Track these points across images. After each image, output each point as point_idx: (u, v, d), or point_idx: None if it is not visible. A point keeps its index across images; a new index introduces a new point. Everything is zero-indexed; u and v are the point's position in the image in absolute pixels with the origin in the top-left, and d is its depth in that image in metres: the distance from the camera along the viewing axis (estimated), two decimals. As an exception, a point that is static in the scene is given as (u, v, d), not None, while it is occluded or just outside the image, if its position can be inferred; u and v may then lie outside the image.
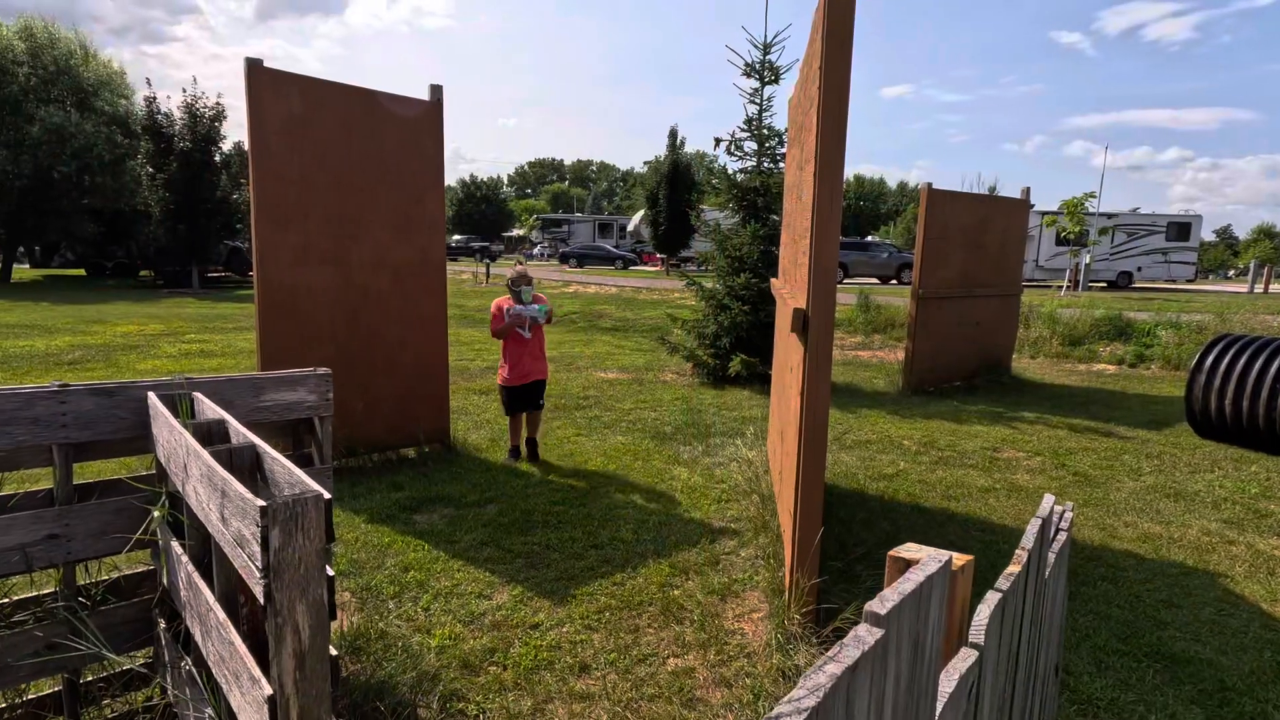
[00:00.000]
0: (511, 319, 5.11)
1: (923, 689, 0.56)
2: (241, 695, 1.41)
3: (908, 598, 0.50)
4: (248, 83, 4.38)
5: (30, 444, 1.92)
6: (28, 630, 1.92)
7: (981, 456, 5.71)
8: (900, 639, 0.49)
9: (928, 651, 0.56)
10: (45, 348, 9.50)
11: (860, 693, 0.42)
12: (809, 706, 0.36)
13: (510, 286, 5.27)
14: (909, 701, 0.53)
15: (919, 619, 0.53)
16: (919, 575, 0.54)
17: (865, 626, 0.46)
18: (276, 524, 1.23)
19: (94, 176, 20.80)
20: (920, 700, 0.56)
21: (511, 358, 5.20)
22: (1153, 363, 10.17)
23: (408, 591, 3.30)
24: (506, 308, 5.14)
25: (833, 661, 0.42)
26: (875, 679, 0.45)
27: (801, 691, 0.38)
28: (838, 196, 2.67)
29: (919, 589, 0.53)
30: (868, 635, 0.44)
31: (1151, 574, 3.69)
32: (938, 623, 0.58)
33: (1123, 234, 23.90)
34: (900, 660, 0.50)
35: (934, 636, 0.57)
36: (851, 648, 0.43)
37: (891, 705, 0.49)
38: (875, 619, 0.47)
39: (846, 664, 0.41)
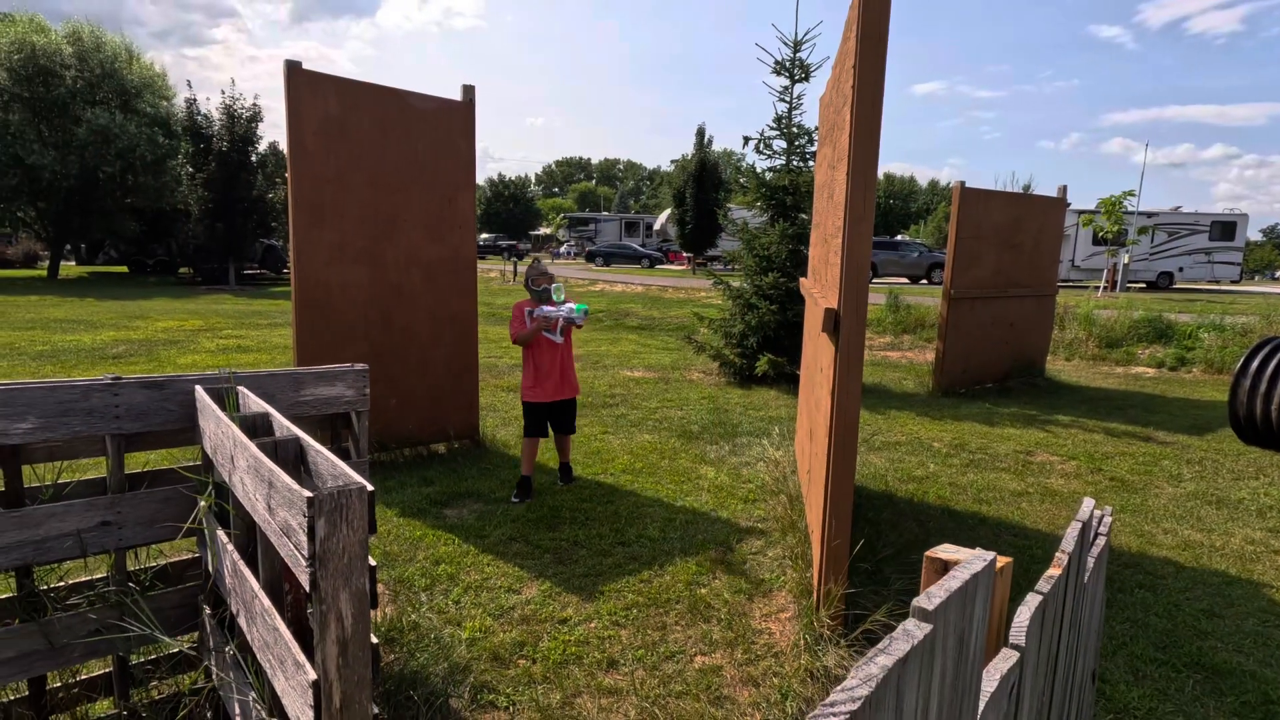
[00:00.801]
0: (539, 321, 4.36)
1: (966, 686, 0.56)
2: (286, 680, 1.46)
3: (954, 595, 0.51)
4: (287, 84, 4.49)
5: (85, 434, 2.00)
6: (82, 613, 2.00)
7: (1014, 460, 5.61)
8: (946, 635, 0.50)
9: (972, 649, 0.56)
10: (91, 342, 9.83)
11: (909, 685, 0.43)
12: (863, 695, 0.37)
13: (530, 287, 4.56)
14: (954, 698, 0.53)
15: (964, 616, 0.54)
16: (965, 573, 0.55)
17: (913, 621, 0.47)
18: (322, 515, 1.27)
19: (136, 176, 21.44)
20: (964, 698, 0.56)
21: (539, 368, 4.45)
22: (1194, 366, 9.88)
23: (439, 584, 3.35)
24: (529, 310, 4.44)
25: (883, 653, 0.43)
26: (923, 673, 0.45)
27: (854, 680, 0.39)
28: (870, 195, 2.65)
29: (965, 586, 0.53)
30: (916, 630, 0.45)
31: (1192, 583, 3.60)
32: (982, 621, 0.59)
33: (1163, 233, 23.24)
34: (946, 657, 0.50)
35: (978, 634, 0.58)
36: (901, 641, 0.44)
37: (937, 700, 0.49)
38: (923, 614, 0.47)
39: (897, 656, 0.42)
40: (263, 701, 1.66)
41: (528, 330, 4.37)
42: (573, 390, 4.60)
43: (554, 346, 4.47)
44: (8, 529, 1.88)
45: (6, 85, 19.70)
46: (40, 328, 11.09)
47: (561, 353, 4.51)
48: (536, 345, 4.43)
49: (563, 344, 4.50)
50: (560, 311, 4.38)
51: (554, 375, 4.48)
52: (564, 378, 4.53)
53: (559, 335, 4.47)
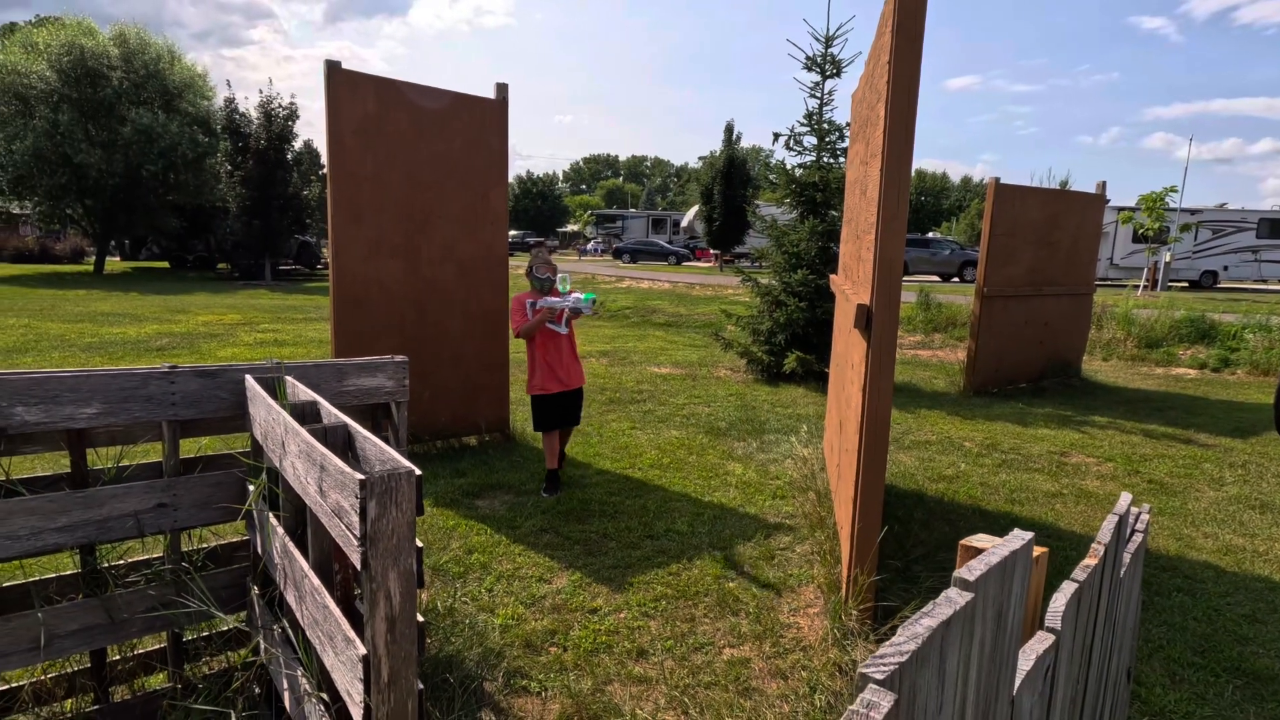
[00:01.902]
0: (542, 313, 4.26)
1: (1004, 659, 0.59)
2: (335, 655, 1.52)
3: (994, 568, 0.53)
4: (327, 84, 4.60)
5: (144, 419, 2.10)
6: (141, 590, 2.11)
7: (1048, 460, 5.53)
8: (986, 606, 0.52)
9: (1009, 623, 0.59)
10: (136, 335, 10.17)
11: (951, 648, 0.45)
12: (910, 650, 0.40)
13: (533, 275, 4.44)
14: (991, 669, 0.56)
15: (1003, 590, 0.56)
16: (1004, 549, 0.57)
17: (955, 590, 0.49)
18: (374, 496, 1.33)
19: (178, 174, 22.06)
20: (1001, 670, 0.58)
21: (545, 361, 4.38)
22: (1238, 367, 9.59)
23: (472, 572, 3.43)
24: (530, 302, 4.35)
25: (927, 616, 0.46)
26: (964, 639, 0.48)
27: (901, 637, 0.42)
28: (904, 192, 2.65)
29: (1004, 562, 0.56)
30: (958, 597, 0.48)
31: (1233, 587, 3.52)
32: (1019, 597, 0.61)
33: (1207, 231, 22.54)
34: (985, 627, 0.53)
35: (1016, 609, 0.60)
36: (944, 606, 0.47)
37: (976, 669, 0.52)
38: (964, 584, 0.50)
39: (941, 619, 0.44)
40: (311, 676, 1.73)
41: (531, 323, 4.29)
42: (579, 379, 4.56)
43: (557, 337, 4.40)
44: (74, 508, 1.99)
45: (57, 86, 20.41)
46: (88, 321, 11.50)
47: (566, 342, 4.44)
48: (541, 337, 4.37)
49: (567, 333, 4.43)
50: (567, 301, 4.25)
51: (560, 366, 4.42)
52: (570, 368, 4.47)
53: (564, 326, 4.40)
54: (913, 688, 0.40)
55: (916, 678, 0.40)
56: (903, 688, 0.38)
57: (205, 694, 2.06)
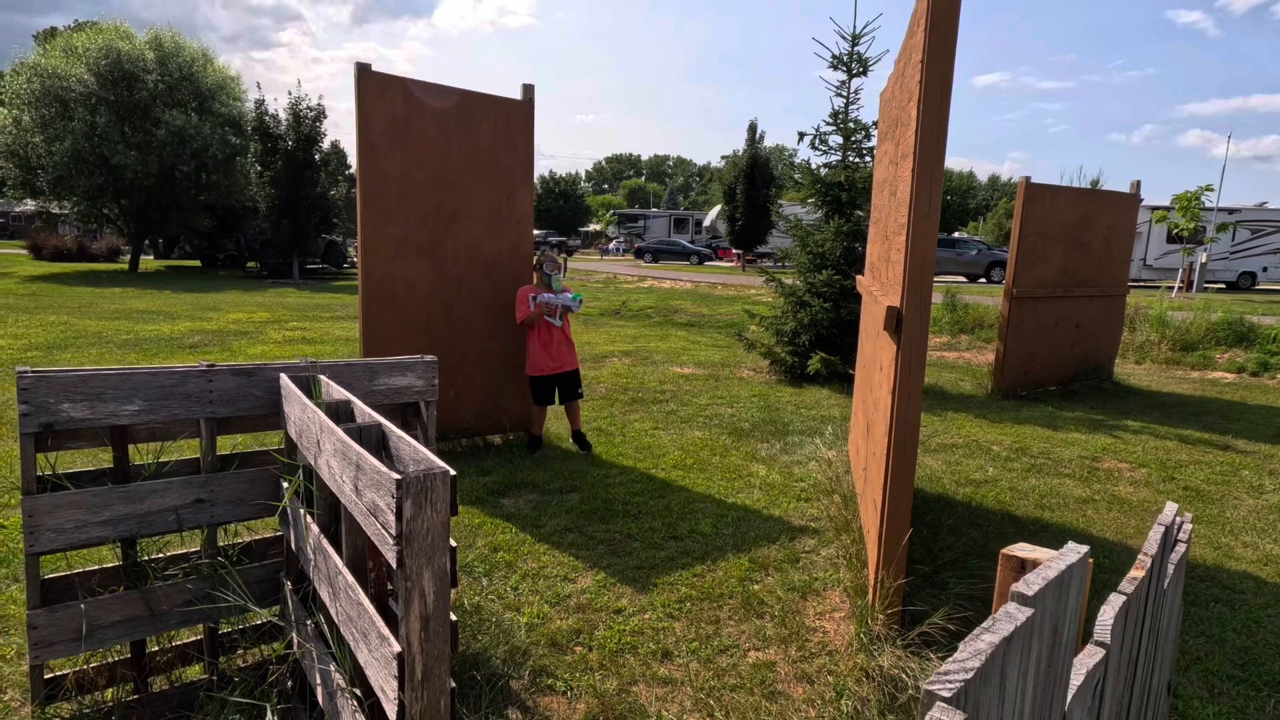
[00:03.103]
0: (541, 307, 5.00)
1: (1058, 675, 0.58)
2: (369, 652, 1.54)
3: (1051, 583, 0.52)
4: (357, 86, 4.66)
5: (183, 417, 2.15)
6: (179, 583, 2.16)
7: (1079, 465, 5.42)
8: (1043, 621, 0.51)
9: (1064, 638, 0.58)
10: (169, 332, 10.40)
11: (1012, 665, 0.45)
12: (974, 668, 0.39)
13: (541, 270, 5.14)
14: (1046, 685, 0.54)
15: (1060, 605, 0.55)
16: (1061, 563, 0.56)
17: (1014, 605, 0.49)
18: (409, 496, 1.34)
19: (210, 175, 22.51)
20: (1055, 687, 0.57)
21: (540, 346, 5.11)
22: (1279, 372, 9.32)
23: (497, 571, 3.46)
24: (533, 295, 5.04)
25: (988, 632, 0.45)
26: (1024, 656, 0.47)
27: (964, 654, 0.41)
28: (936, 193, 2.61)
29: (1061, 576, 0.55)
30: (1018, 613, 0.47)
31: (1274, 599, 3.43)
32: (1074, 612, 0.60)
33: (1246, 231, 21.92)
34: (1042, 643, 0.52)
35: (1071, 625, 0.59)
36: (1004, 621, 0.46)
37: (1033, 685, 0.51)
38: (1023, 599, 0.49)
39: (1002, 635, 0.44)
40: (344, 672, 1.76)
41: (531, 314, 5.01)
42: (573, 363, 5.26)
43: (552, 328, 5.13)
44: (116, 502, 2.04)
45: (94, 89, 20.93)
46: (124, 318, 11.79)
47: (559, 333, 5.16)
48: (539, 326, 5.10)
49: (561, 325, 5.16)
50: (559, 300, 5.03)
51: (552, 351, 5.12)
52: (563, 354, 5.18)
53: (559, 319, 5.12)
54: (976, 705, 0.39)
55: (980, 695, 0.40)
56: (968, 705, 0.38)
57: (241, 686, 2.10)
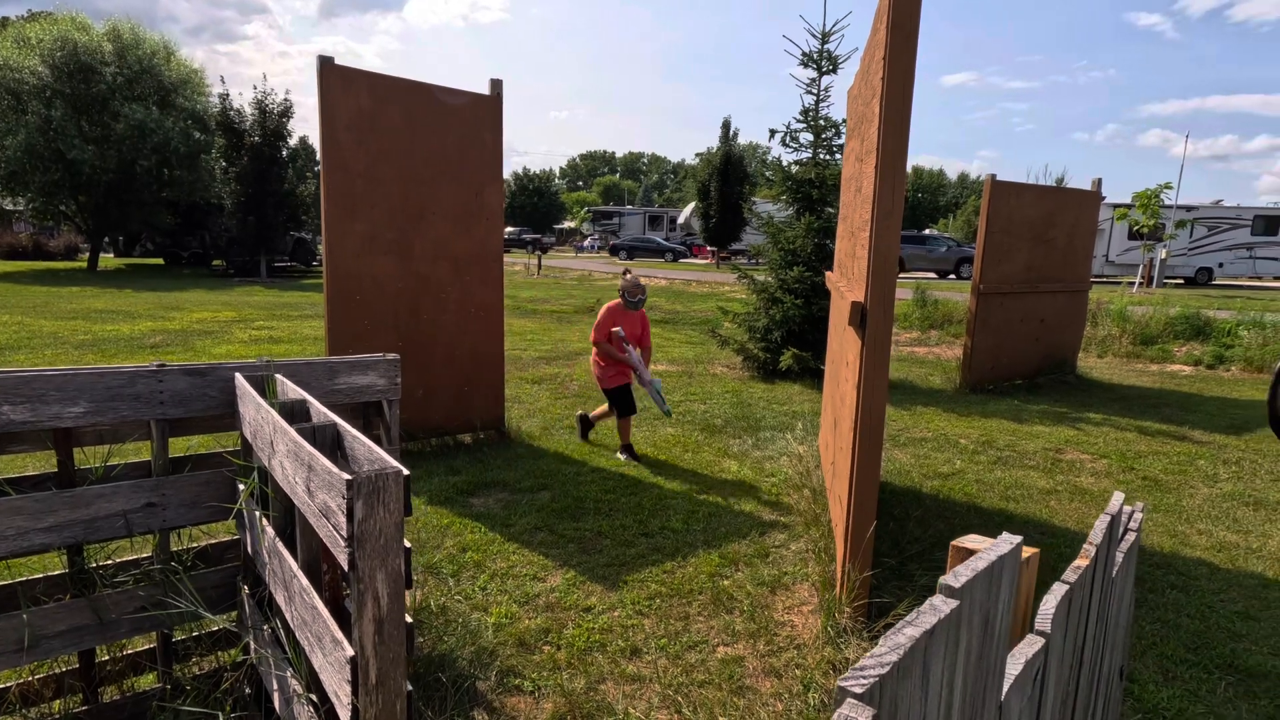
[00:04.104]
0: (631, 359, 5.18)
1: (991, 666, 0.58)
2: (324, 656, 1.51)
3: (980, 574, 0.52)
4: (320, 80, 4.57)
5: (132, 418, 2.08)
6: (129, 590, 2.09)
7: (1043, 457, 5.53)
8: (972, 613, 0.51)
9: (997, 629, 0.58)
10: (130, 332, 10.12)
11: (935, 657, 0.45)
12: (891, 661, 0.39)
13: (624, 297, 5.23)
14: (979, 675, 0.55)
15: (990, 596, 0.55)
16: (992, 554, 0.56)
17: (940, 597, 0.48)
18: (361, 497, 1.31)
19: (172, 170, 21.95)
20: (989, 677, 0.57)
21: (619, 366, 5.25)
22: (1233, 364, 9.62)
23: (466, 571, 3.42)
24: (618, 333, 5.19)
25: (911, 625, 0.45)
26: (949, 648, 0.47)
27: (883, 648, 0.41)
28: (900, 189, 2.64)
29: (991, 567, 0.55)
30: (943, 605, 0.47)
31: (1226, 584, 3.53)
32: (1007, 602, 0.60)
33: (1203, 228, 22.60)
34: (971, 634, 0.52)
35: (1003, 615, 0.59)
36: (928, 614, 0.46)
37: (962, 677, 0.51)
38: (950, 590, 0.49)
39: (924, 628, 0.43)
40: (300, 677, 1.72)
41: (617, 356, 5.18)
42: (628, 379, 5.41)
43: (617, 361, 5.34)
44: (60, 508, 1.97)
45: (49, 82, 20.26)
46: (82, 318, 11.44)
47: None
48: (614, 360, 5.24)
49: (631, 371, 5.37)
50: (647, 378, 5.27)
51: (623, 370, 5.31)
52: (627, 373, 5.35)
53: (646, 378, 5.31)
54: (894, 700, 0.39)
55: (898, 690, 0.39)
56: (883, 701, 0.37)
57: (194, 695, 2.04)
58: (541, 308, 15.25)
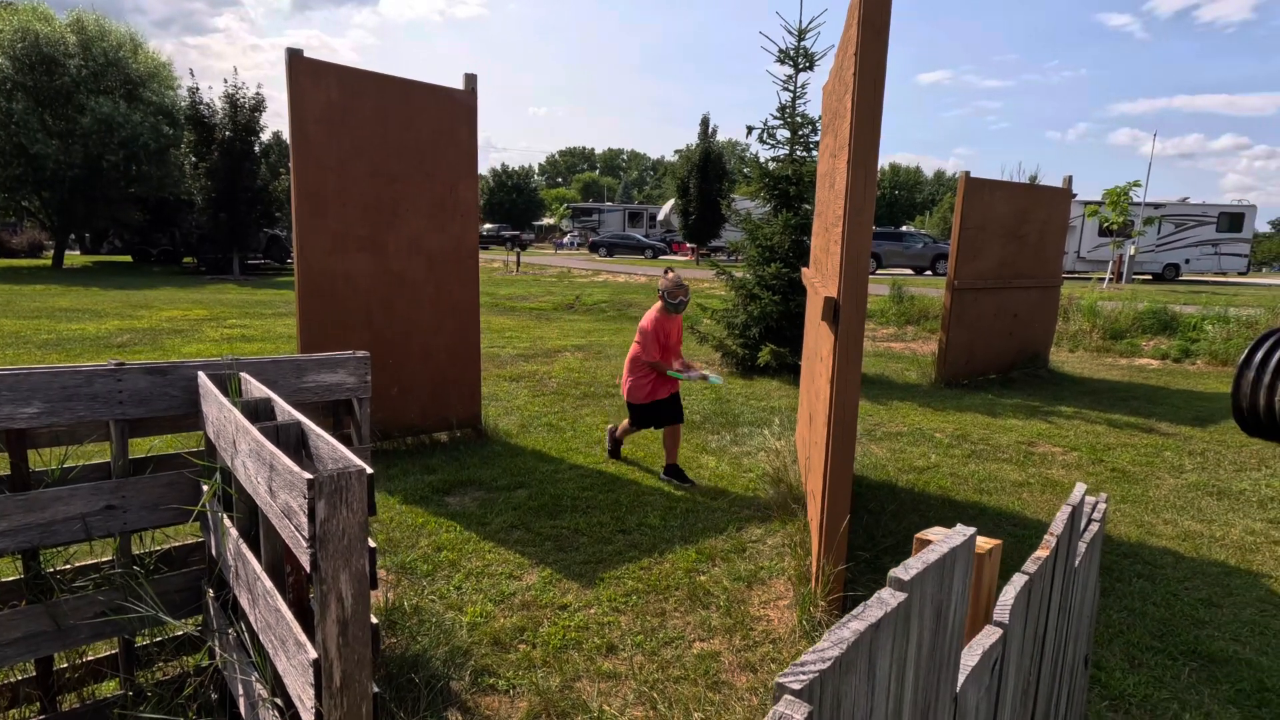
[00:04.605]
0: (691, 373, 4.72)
1: (945, 657, 0.57)
2: (287, 659, 1.48)
3: (931, 566, 0.52)
4: (289, 72, 4.48)
5: (90, 419, 2.02)
6: (88, 595, 2.03)
7: (1016, 451, 5.62)
8: (923, 605, 0.51)
9: (950, 621, 0.57)
10: (96, 331, 9.88)
11: (882, 651, 0.44)
12: (833, 656, 0.38)
13: (665, 299, 4.65)
14: (931, 667, 0.54)
15: (942, 588, 0.55)
16: (943, 546, 0.56)
17: (889, 590, 0.48)
18: (322, 496, 1.29)
19: (140, 165, 21.44)
20: (943, 668, 0.57)
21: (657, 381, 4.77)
22: (1199, 358, 9.85)
23: (441, 570, 3.38)
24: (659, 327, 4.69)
25: (856, 619, 0.44)
26: (898, 640, 0.46)
27: (826, 643, 0.40)
28: (871, 185, 2.65)
29: (942, 559, 0.54)
30: (890, 598, 0.46)
31: (1191, 572, 3.61)
32: (961, 594, 0.60)
33: (1170, 225, 23.09)
34: (923, 626, 0.51)
35: (957, 606, 0.59)
36: (874, 608, 0.45)
37: (914, 668, 0.51)
38: (899, 584, 0.49)
39: (870, 621, 0.43)
40: (265, 681, 1.68)
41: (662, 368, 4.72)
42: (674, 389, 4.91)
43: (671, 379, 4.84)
44: (14, 512, 1.91)
45: (10, 74, 19.67)
46: (46, 317, 11.14)
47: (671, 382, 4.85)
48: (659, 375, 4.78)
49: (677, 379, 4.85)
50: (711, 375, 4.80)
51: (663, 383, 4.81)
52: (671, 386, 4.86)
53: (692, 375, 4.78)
54: (837, 695, 0.38)
55: (841, 685, 0.39)
56: (824, 697, 0.36)
57: (156, 701, 2.00)
58: (520, 305, 15.16)
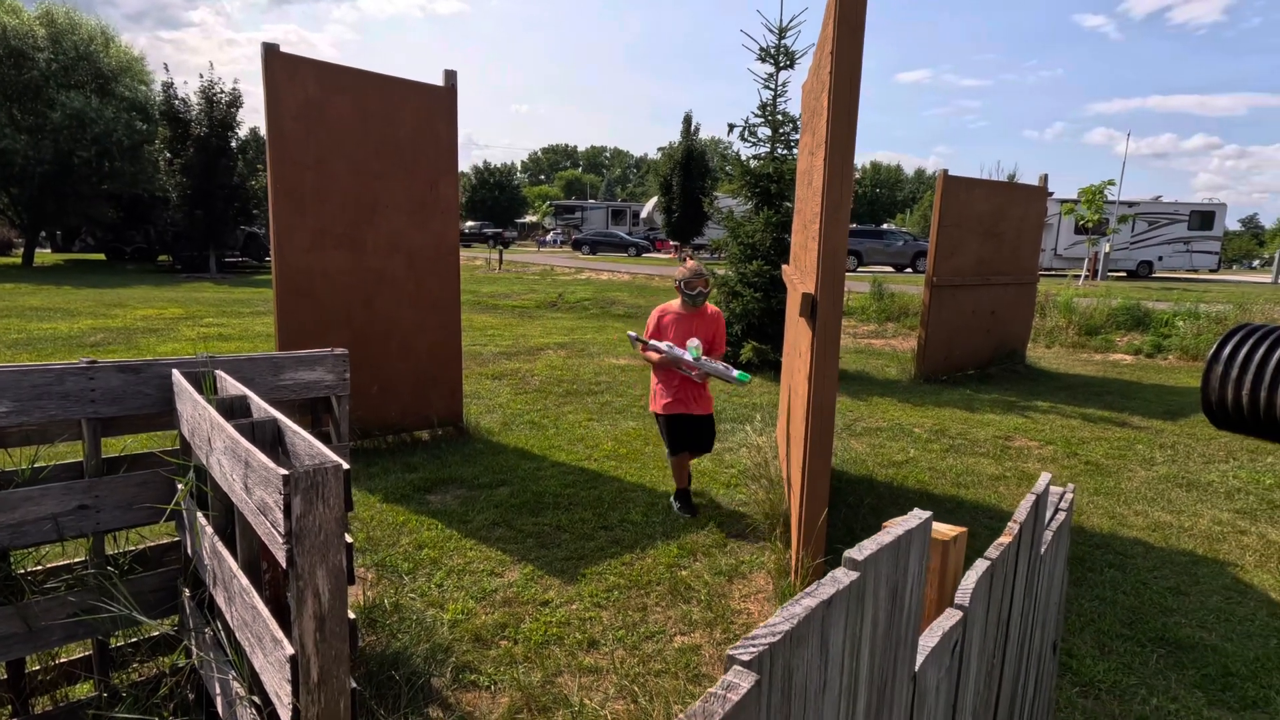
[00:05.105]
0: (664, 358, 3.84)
1: (901, 636, 0.60)
2: (264, 656, 1.48)
3: (885, 548, 0.54)
4: (265, 68, 4.43)
5: (61, 418, 1.99)
6: (60, 596, 2.01)
7: (993, 445, 5.71)
8: (878, 585, 0.53)
9: (907, 601, 0.60)
10: (68, 330, 9.69)
11: (835, 627, 0.46)
12: (783, 630, 0.40)
13: (682, 289, 3.93)
14: (888, 645, 0.56)
15: (897, 569, 0.57)
16: (899, 529, 0.58)
17: (843, 569, 0.50)
18: (298, 492, 1.28)
19: (113, 161, 21.04)
20: (900, 647, 0.59)
21: (667, 381, 4.00)
22: (1170, 353, 10.06)
23: (422, 568, 3.38)
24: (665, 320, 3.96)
25: (809, 596, 0.46)
26: (851, 618, 0.48)
27: (778, 618, 0.42)
28: (848, 181, 2.68)
29: (897, 541, 0.56)
30: (844, 577, 0.48)
31: (1160, 562, 3.70)
32: (918, 575, 0.62)
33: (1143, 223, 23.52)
34: (878, 605, 0.53)
35: (914, 588, 0.61)
36: (828, 585, 0.47)
37: (870, 645, 0.53)
38: (852, 563, 0.51)
39: (822, 598, 0.45)
40: (242, 679, 1.67)
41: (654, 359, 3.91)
42: (706, 407, 4.07)
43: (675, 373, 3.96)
44: (-17, 512, 1.88)
45: (-24, 68, 19.24)
46: (15, 316, 10.91)
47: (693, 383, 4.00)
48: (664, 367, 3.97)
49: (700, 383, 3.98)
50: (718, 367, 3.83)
51: (685, 389, 3.97)
52: (697, 395, 4.03)
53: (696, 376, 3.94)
54: (787, 667, 0.40)
55: (792, 658, 0.40)
56: (774, 668, 0.38)
57: (131, 702, 1.98)
58: (503, 303, 15.10)
